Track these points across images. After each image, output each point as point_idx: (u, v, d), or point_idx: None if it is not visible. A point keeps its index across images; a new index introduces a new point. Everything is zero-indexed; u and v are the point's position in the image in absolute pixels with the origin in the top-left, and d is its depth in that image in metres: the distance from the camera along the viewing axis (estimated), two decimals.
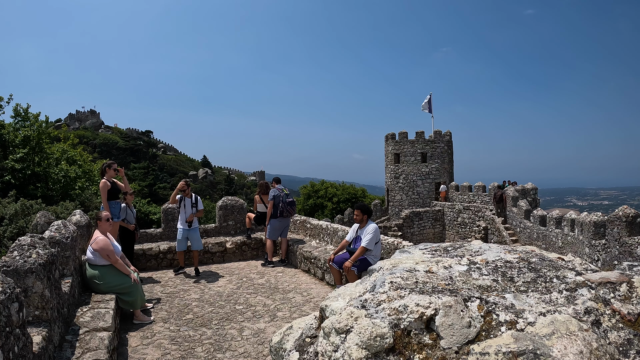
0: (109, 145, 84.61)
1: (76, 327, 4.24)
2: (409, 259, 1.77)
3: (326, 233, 8.86)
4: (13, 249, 3.60)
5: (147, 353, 4.68)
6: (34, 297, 3.46)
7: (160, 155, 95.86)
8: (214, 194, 78.97)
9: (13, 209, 9.50)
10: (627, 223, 13.82)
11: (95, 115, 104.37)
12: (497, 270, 1.59)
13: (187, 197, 8.07)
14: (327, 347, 1.38)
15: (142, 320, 5.58)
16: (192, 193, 8.11)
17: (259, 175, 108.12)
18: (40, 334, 3.31)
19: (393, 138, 33.06)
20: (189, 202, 8.05)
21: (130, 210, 7.85)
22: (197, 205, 8.08)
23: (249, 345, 4.88)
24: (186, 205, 8.01)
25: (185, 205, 8.01)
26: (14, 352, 2.57)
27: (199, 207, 8.11)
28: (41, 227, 6.35)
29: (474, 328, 1.28)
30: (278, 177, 9.25)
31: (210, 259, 9.03)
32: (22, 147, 14.24)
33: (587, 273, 1.56)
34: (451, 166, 32.88)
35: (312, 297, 6.64)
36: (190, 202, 8.05)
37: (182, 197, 8.08)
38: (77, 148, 21.10)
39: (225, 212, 9.98)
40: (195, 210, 8.02)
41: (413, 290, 1.44)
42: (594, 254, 15.27)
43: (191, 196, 8.06)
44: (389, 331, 1.31)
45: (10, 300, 2.61)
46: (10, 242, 8.28)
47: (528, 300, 1.39)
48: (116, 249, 5.67)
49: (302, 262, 8.32)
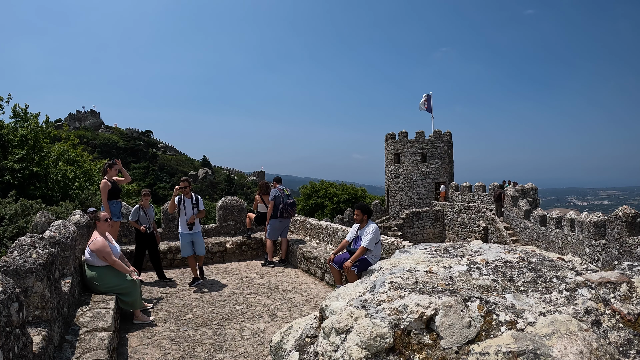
0: (109, 145, 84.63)
1: (76, 327, 4.24)
2: (409, 259, 1.77)
3: (326, 233, 8.86)
4: (13, 249, 3.60)
5: (147, 353, 4.68)
6: (34, 297, 3.46)
7: (160, 155, 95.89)
8: (214, 194, 78.99)
9: (13, 209, 9.50)
10: (627, 223, 13.82)
11: (95, 115, 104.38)
12: (497, 270, 1.59)
13: (187, 197, 7.47)
14: (327, 347, 1.38)
15: (142, 320, 5.58)
16: (192, 193, 7.57)
17: (259, 175, 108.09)
18: (40, 334, 3.31)
19: (393, 138, 33.06)
20: (189, 203, 7.46)
21: (144, 212, 7.59)
22: (198, 206, 7.51)
23: (249, 345, 4.88)
24: (186, 206, 7.41)
25: (185, 206, 7.41)
26: (14, 352, 2.57)
27: (200, 207, 7.55)
28: (41, 227, 6.34)
29: (474, 328, 1.28)
30: (279, 177, 9.20)
31: (210, 259, 9.03)
32: (20, 147, 14.24)
33: (587, 273, 1.56)
34: (451, 166, 32.88)
35: (312, 297, 6.64)
36: (191, 203, 7.47)
37: (182, 197, 7.48)
38: (77, 148, 21.10)
39: (225, 212, 9.98)
40: (196, 211, 7.46)
41: (413, 290, 1.44)
42: (594, 254, 15.27)
43: (191, 196, 7.49)
44: (389, 331, 1.31)
45: (10, 300, 2.61)
46: (10, 242, 8.27)
47: (528, 300, 1.39)
48: (114, 249, 5.66)
49: (302, 262, 8.32)
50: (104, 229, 5.70)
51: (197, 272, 7.46)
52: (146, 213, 7.63)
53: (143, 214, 7.58)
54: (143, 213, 7.59)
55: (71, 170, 16.31)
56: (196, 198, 7.52)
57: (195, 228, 7.43)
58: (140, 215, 7.55)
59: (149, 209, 7.74)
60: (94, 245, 5.41)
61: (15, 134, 14.59)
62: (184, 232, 7.39)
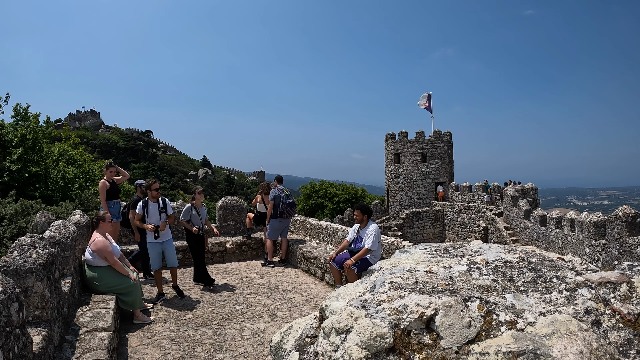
0: (109, 145, 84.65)
1: (76, 327, 4.24)
2: (409, 259, 1.77)
3: (326, 233, 8.86)
4: (13, 249, 3.60)
5: (147, 353, 4.68)
6: (34, 297, 3.46)
7: (160, 155, 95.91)
8: (214, 194, 79.00)
9: (13, 209, 9.50)
10: (627, 223, 13.83)
11: (95, 115, 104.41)
12: (497, 270, 1.59)
13: (153, 201, 6.51)
14: (327, 347, 1.38)
15: (142, 320, 5.58)
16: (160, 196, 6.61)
17: (259, 175, 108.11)
18: (40, 334, 3.31)
19: (393, 138, 33.07)
20: (155, 208, 6.48)
21: (196, 211, 7.10)
22: (166, 210, 6.57)
23: (249, 345, 4.88)
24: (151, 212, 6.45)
25: (149, 212, 6.44)
26: (14, 352, 2.57)
27: (168, 212, 6.60)
28: (41, 227, 6.34)
29: (474, 328, 1.28)
30: (280, 176, 9.16)
31: (210, 259, 9.03)
32: (19, 147, 14.23)
33: (587, 273, 1.56)
34: (451, 166, 32.89)
35: (312, 297, 6.64)
36: (158, 208, 6.50)
37: (146, 202, 6.46)
38: (78, 148, 21.09)
39: (225, 212, 9.98)
40: (164, 216, 6.52)
41: (413, 290, 1.44)
42: (594, 254, 15.27)
43: (157, 200, 6.52)
44: (389, 331, 1.31)
45: (10, 300, 2.61)
46: (10, 242, 8.26)
47: (528, 300, 1.39)
48: (115, 249, 5.66)
49: (302, 262, 8.31)
50: (105, 229, 5.70)
51: (162, 288, 6.52)
52: (199, 213, 7.16)
53: (195, 214, 7.10)
54: (195, 213, 7.11)
55: (72, 171, 16.31)
56: (164, 201, 6.60)
57: (165, 236, 6.48)
58: (193, 214, 7.08)
59: (201, 208, 7.27)
60: (95, 245, 5.41)
61: (15, 134, 14.58)
62: (153, 242, 6.41)
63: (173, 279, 6.70)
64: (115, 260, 5.47)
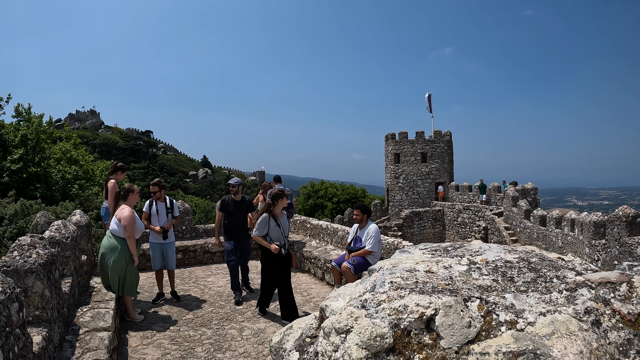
0: (109, 146, 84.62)
1: (76, 327, 4.24)
2: (409, 259, 1.77)
3: (326, 233, 8.85)
4: (13, 249, 3.59)
5: (147, 353, 4.68)
6: (34, 297, 3.46)
7: (160, 155, 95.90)
8: (214, 194, 78.99)
9: (13, 209, 9.50)
10: (627, 223, 13.82)
11: (95, 115, 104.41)
12: (497, 270, 1.59)
13: (161, 201, 6.51)
14: (327, 347, 1.38)
15: (133, 318, 5.56)
16: (166, 196, 6.62)
17: (259, 175, 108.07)
18: (40, 334, 3.31)
19: (393, 138, 33.07)
20: (162, 208, 6.48)
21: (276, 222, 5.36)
22: (172, 211, 6.54)
23: (249, 345, 4.88)
24: (160, 212, 6.44)
25: (158, 211, 6.43)
26: (14, 352, 2.57)
27: (174, 213, 6.56)
28: (41, 227, 6.34)
29: (474, 328, 1.28)
30: (278, 176, 9.17)
31: (211, 259, 9.03)
32: (20, 147, 14.22)
33: (587, 273, 1.55)
34: (451, 166, 32.88)
35: (312, 297, 6.64)
36: (165, 208, 6.51)
37: (153, 202, 6.45)
38: (79, 148, 21.08)
39: None
40: (170, 217, 6.50)
41: (413, 290, 1.44)
42: (594, 254, 15.26)
43: (165, 200, 6.55)
44: (389, 331, 1.31)
45: (10, 300, 2.61)
46: (10, 242, 8.26)
47: (528, 300, 1.39)
48: (139, 224, 5.57)
49: (302, 262, 8.31)
50: (133, 201, 5.61)
51: (162, 288, 6.55)
52: (279, 224, 5.29)
53: (275, 226, 5.22)
54: (275, 224, 5.23)
55: (73, 170, 16.30)
56: (171, 202, 6.59)
57: (169, 238, 6.46)
58: (271, 227, 5.21)
59: (281, 217, 5.45)
60: (122, 213, 5.35)
61: (16, 134, 14.57)
62: (155, 242, 6.44)
63: (171, 283, 6.62)
64: (132, 235, 5.38)
